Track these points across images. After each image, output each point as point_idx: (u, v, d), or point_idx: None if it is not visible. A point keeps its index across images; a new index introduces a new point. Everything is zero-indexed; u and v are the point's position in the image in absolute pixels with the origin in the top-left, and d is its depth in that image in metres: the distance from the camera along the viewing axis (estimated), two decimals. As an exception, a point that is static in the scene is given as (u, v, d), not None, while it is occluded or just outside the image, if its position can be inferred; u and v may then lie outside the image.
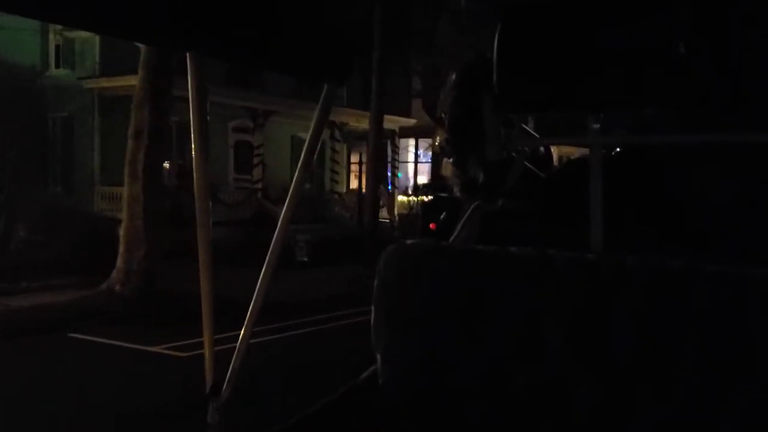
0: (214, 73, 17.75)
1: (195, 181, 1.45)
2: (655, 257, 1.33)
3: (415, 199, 25.11)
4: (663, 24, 1.36)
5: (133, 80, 17.02)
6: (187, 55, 1.41)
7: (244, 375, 1.52)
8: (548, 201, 1.71)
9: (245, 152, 21.76)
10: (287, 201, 1.59)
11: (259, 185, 21.69)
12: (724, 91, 1.36)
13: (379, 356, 1.57)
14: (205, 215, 1.48)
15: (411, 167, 28.87)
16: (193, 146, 1.45)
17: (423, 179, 28.03)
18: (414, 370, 1.55)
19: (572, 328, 1.37)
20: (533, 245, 1.45)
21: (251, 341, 1.53)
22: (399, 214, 24.18)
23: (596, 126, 1.47)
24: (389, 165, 26.24)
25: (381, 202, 23.69)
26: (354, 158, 25.63)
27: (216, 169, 19.67)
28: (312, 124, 1.59)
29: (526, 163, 1.71)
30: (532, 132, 1.65)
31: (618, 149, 1.67)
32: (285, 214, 1.57)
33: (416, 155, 28.60)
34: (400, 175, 27.84)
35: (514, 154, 1.70)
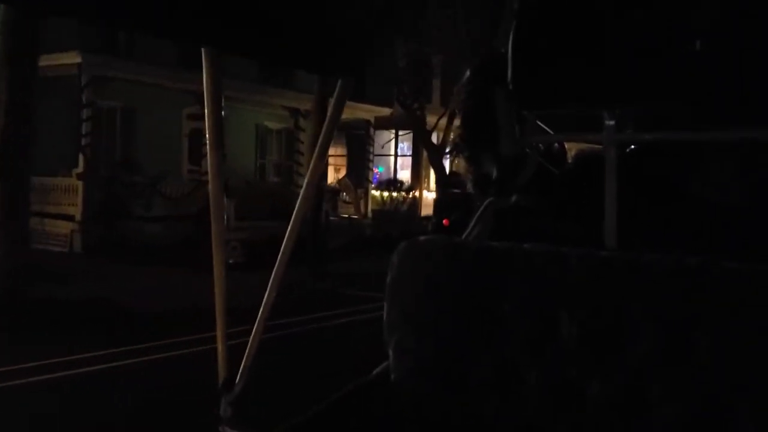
0: (165, 55, 17.48)
1: (210, 176, 1.60)
2: (670, 254, 1.45)
3: (394, 194, 25.24)
4: (683, 19, 1.46)
5: (62, 59, 16.41)
6: (203, 50, 1.57)
7: (255, 371, 1.68)
8: (562, 197, 1.86)
9: (200, 142, 21.53)
10: (300, 198, 1.73)
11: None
12: (739, 86, 1.45)
13: (391, 353, 1.71)
14: (219, 211, 1.63)
15: (392, 160, 28.89)
16: (208, 142, 1.60)
17: (405, 174, 28.13)
18: (426, 367, 1.68)
19: (586, 325, 1.48)
20: (547, 242, 1.58)
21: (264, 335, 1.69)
22: (373, 211, 24.27)
23: (611, 123, 1.59)
24: (366, 158, 26.25)
25: (346, 197, 23.77)
26: (331, 150, 25.34)
27: (169, 161, 19.35)
28: (326, 119, 1.75)
29: (540, 159, 1.84)
30: (546, 128, 1.80)
31: (633, 146, 1.82)
32: (297, 211, 1.73)
33: (396, 147, 28.65)
34: (381, 168, 27.88)
35: (527, 150, 1.83)
